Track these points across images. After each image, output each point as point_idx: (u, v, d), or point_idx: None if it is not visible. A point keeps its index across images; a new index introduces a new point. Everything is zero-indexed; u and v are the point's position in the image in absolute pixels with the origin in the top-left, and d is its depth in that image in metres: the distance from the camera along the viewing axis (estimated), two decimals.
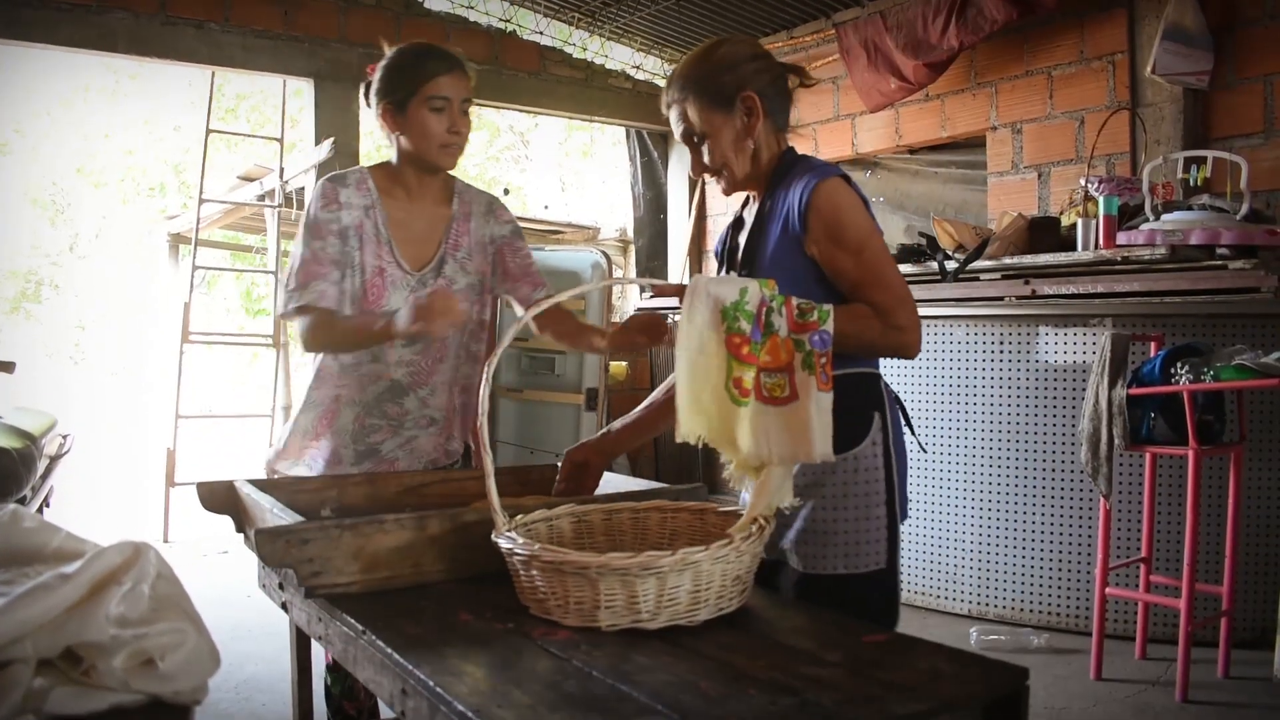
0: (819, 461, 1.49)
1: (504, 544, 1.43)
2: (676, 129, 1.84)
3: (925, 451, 3.67)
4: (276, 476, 2.24)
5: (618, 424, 2.08)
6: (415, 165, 2.15)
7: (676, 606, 1.34)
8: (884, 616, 1.79)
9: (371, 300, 2.14)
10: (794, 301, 1.52)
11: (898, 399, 1.86)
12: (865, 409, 1.77)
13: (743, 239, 1.90)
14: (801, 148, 1.92)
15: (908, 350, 1.69)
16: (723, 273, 1.96)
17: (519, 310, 2.28)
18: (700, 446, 1.56)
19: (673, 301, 5.74)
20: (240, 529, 1.96)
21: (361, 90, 2.18)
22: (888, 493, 1.77)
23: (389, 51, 2.14)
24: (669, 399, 2.06)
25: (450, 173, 2.24)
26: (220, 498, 1.98)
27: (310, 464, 2.29)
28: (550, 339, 2.23)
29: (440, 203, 2.22)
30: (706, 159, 1.82)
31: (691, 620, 1.35)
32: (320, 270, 2.10)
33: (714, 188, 7.29)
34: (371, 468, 2.24)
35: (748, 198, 1.96)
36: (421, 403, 2.22)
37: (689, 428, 1.49)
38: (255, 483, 1.94)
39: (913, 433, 1.90)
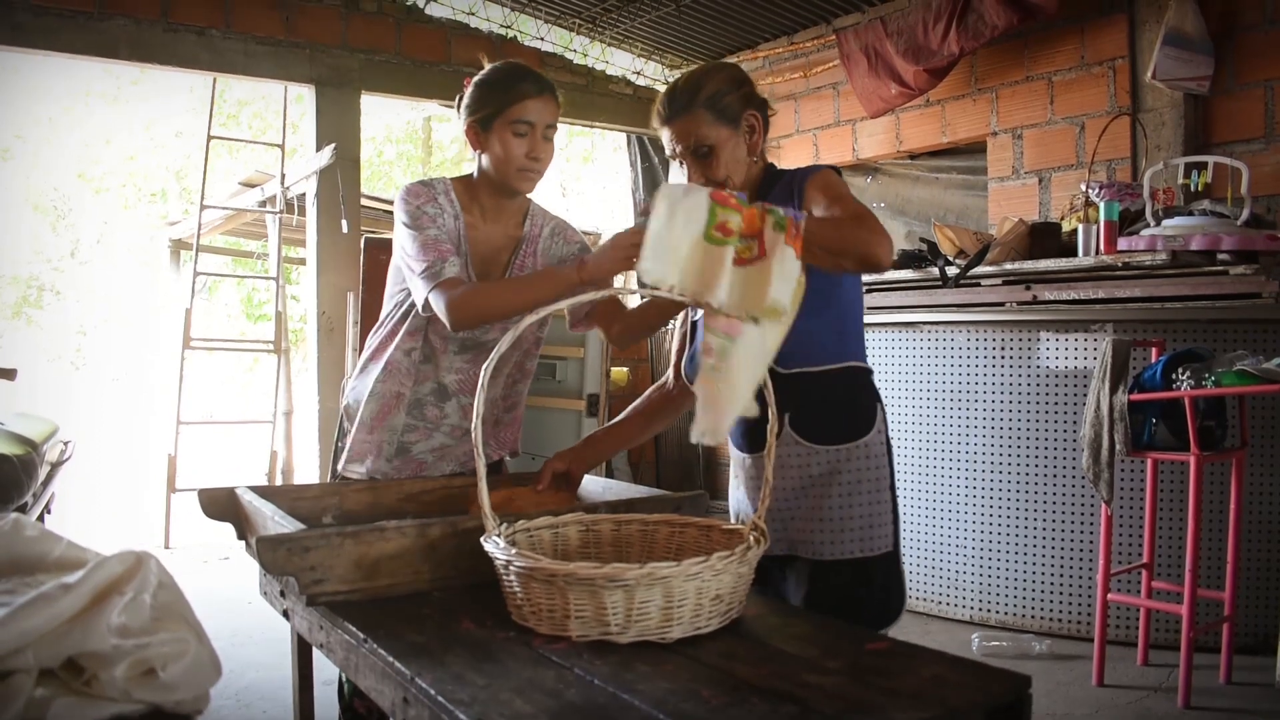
0: (768, 313, 1.47)
1: (488, 548, 1.44)
2: (678, 143, 1.93)
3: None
4: (355, 480, 2.21)
5: (599, 432, 2.17)
6: (493, 185, 2.13)
7: (647, 622, 1.32)
8: (893, 599, 1.89)
9: None
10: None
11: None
12: (871, 400, 1.91)
13: None
14: (803, 153, 2.01)
15: (879, 256, 1.67)
16: None
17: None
18: (702, 446, 1.57)
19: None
20: (242, 536, 1.96)
21: (455, 102, 2.17)
22: (890, 478, 1.90)
23: (485, 67, 2.14)
24: (649, 407, 2.18)
25: (528, 195, 2.22)
26: (221, 504, 1.98)
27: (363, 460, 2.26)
28: (627, 338, 2.22)
29: (514, 224, 2.21)
30: (710, 172, 1.92)
31: (664, 638, 1.33)
32: (447, 249, 2.04)
33: None
34: (400, 465, 2.24)
35: None
36: (463, 411, 2.21)
37: (657, 271, 1.43)
38: (256, 489, 1.95)
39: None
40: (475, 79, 2.12)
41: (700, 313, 1.94)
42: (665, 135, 1.95)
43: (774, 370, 1.79)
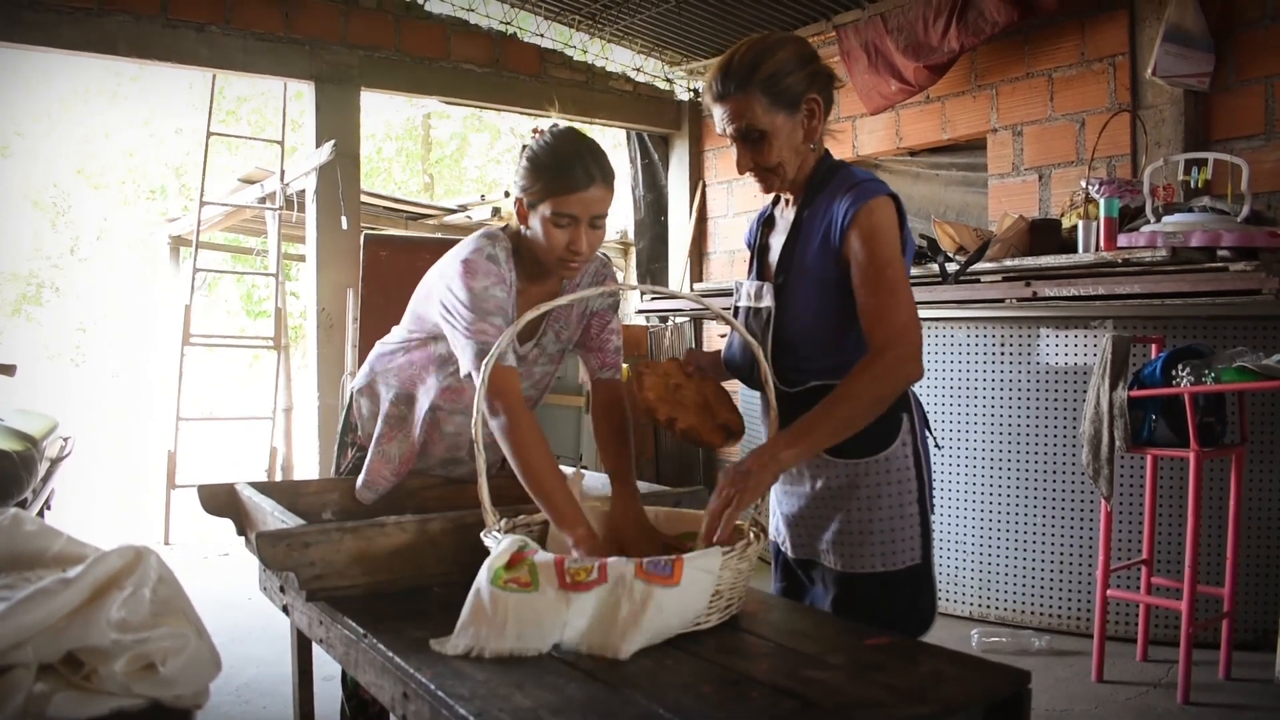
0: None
1: (489, 542, 1.44)
2: (729, 124, 1.78)
3: (940, 448, 3.65)
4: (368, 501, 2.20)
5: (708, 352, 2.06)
6: (536, 255, 1.99)
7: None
8: (923, 610, 1.82)
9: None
10: None
11: (916, 398, 1.87)
12: (894, 411, 1.77)
13: (775, 240, 1.90)
14: None
15: (912, 379, 1.69)
16: (751, 271, 1.95)
17: (583, 372, 2.25)
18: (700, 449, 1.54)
19: (673, 304, 5.74)
20: (241, 532, 1.96)
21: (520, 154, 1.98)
22: (919, 490, 1.80)
23: (549, 128, 1.95)
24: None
25: None
26: (221, 500, 1.98)
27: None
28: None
29: (555, 280, 2.08)
30: (761, 158, 1.78)
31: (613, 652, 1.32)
32: (499, 326, 1.90)
33: (715, 190, 7.20)
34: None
35: (778, 197, 1.94)
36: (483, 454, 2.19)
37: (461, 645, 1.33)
38: (256, 485, 1.95)
39: (929, 430, 1.90)
40: (526, 151, 1.93)
41: (742, 299, 1.91)
42: (716, 113, 1.79)
43: (783, 391, 1.76)
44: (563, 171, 1.85)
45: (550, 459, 1.80)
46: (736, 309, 1.92)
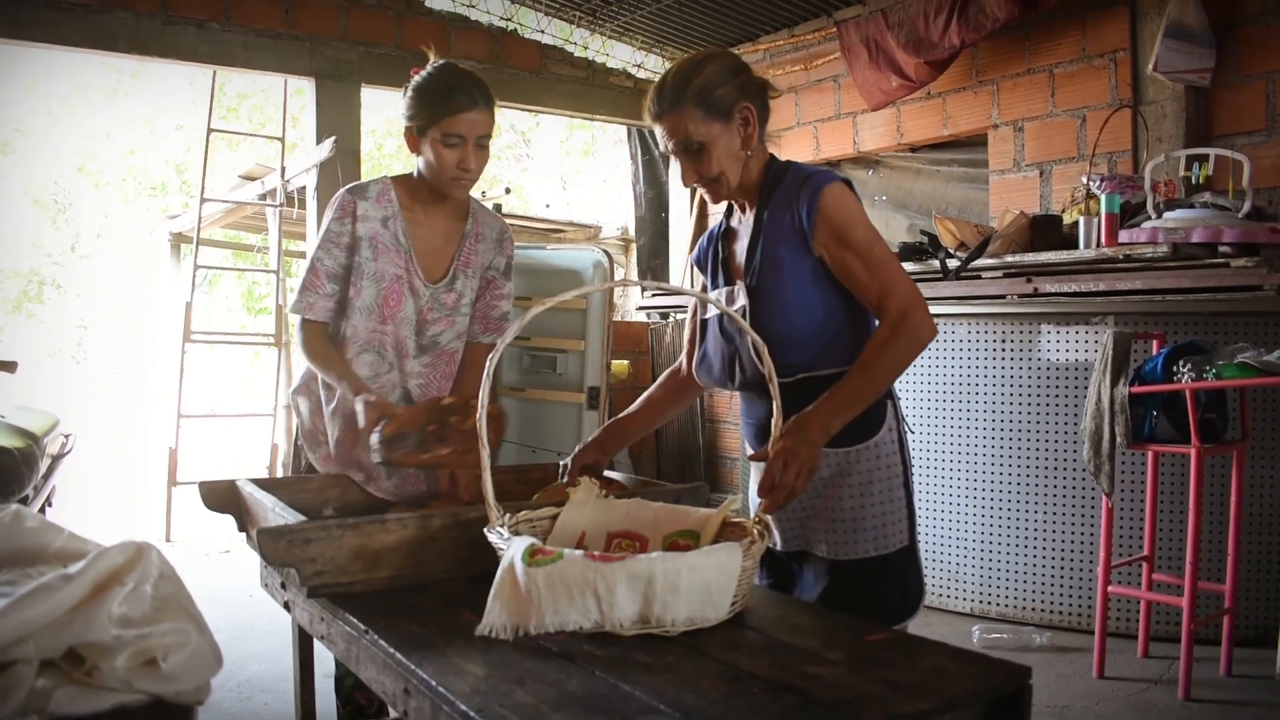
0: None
1: (492, 538, 1.44)
2: (668, 140, 1.87)
3: (913, 432, 3.69)
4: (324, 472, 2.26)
5: (615, 421, 2.14)
6: (430, 185, 2.21)
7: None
8: (911, 590, 1.86)
9: (389, 308, 2.19)
10: None
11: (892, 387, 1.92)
12: (880, 400, 1.83)
13: (739, 246, 1.95)
14: (803, 146, 1.97)
15: (931, 337, 1.76)
16: (718, 281, 1.98)
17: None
18: (701, 445, 1.55)
19: (675, 300, 5.72)
20: (242, 528, 1.96)
21: (402, 92, 2.20)
22: (904, 474, 1.86)
23: (429, 64, 2.16)
24: (665, 394, 2.14)
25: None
26: (222, 497, 1.98)
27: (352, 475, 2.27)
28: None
29: (456, 218, 2.29)
30: (703, 169, 1.86)
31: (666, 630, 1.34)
32: (315, 282, 2.18)
33: None
34: (400, 483, 2.24)
35: (731, 207, 2.01)
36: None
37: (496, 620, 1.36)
38: (257, 482, 1.95)
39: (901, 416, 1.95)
40: (412, 83, 2.15)
41: (711, 310, 1.94)
42: (658, 131, 1.89)
43: (780, 382, 1.79)
44: (448, 96, 2.07)
45: (337, 356, 2.16)
46: (705, 321, 1.97)
